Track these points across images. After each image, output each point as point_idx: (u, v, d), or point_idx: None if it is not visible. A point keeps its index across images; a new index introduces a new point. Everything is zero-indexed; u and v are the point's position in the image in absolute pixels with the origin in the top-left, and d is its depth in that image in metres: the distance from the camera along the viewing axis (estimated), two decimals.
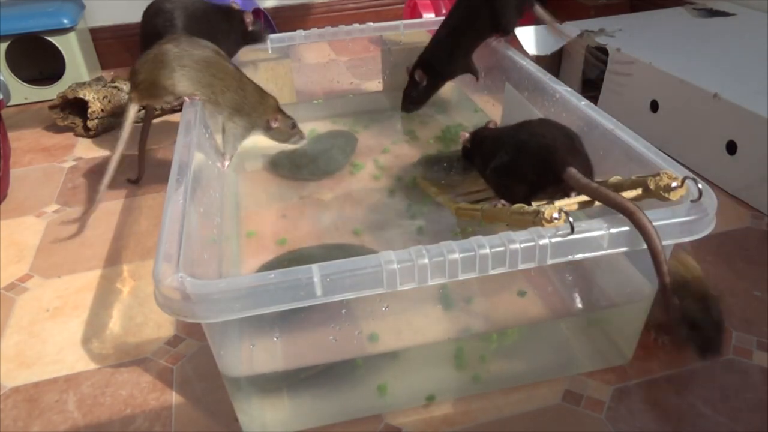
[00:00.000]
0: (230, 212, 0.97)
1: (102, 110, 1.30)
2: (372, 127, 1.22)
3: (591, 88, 1.29)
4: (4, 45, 1.46)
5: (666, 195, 0.56)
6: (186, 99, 0.90)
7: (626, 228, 0.54)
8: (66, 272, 0.90)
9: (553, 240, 0.52)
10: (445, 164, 1.03)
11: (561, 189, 0.64)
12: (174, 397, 0.68)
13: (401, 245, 0.53)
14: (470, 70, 1.11)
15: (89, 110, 1.29)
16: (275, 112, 0.96)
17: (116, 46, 1.72)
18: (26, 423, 0.66)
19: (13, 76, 1.49)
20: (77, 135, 1.33)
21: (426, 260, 0.50)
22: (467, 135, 0.84)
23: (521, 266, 0.53)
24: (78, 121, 1.32)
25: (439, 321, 0.69)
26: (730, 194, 0.97)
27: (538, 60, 1.24)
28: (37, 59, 1.59)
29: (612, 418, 0.62)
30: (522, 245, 0.52)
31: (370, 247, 0.86)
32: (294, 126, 0.99)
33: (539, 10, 1.07)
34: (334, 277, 0.50)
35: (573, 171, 0.63)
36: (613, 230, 0.53)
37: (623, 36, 1.24)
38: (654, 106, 1.12)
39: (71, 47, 1.51)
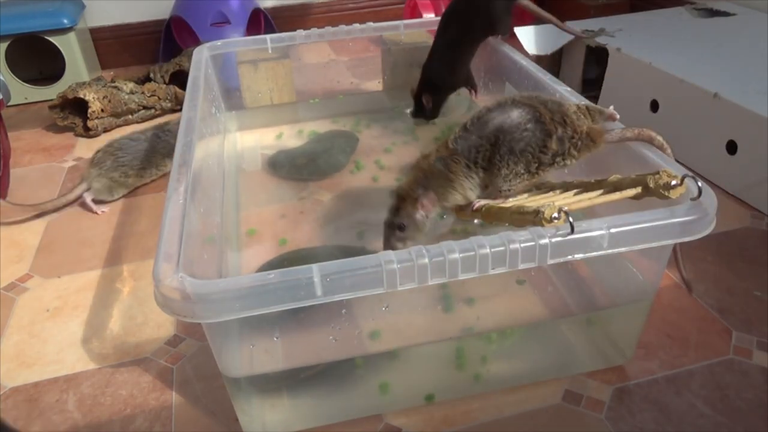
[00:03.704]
0: (230, 212, 0.97)
1: (102, 110, 1.30)
2: (373, 127, 1.22)
3: (591, 88, 1.29)
4: (4, 45, 1.46)
5: (666, 193, 0.56)
6: None
7: (626, 228, 0.54)
8: (66, 272, 0.90)
9: (553, 240, 0.52)
10: None
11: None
12: (174, 397, 0.68)
13: None
14: (469, 83, 1.10)
15: (89, 110, 1.29)
16: None
17: (116, 46, 1.72)
18: (26, 423, 0.66)
19: (13, 76, 1.49)
20: (77, 135, 1.33)
21: (426, 260, 0.50)
22: None
23: (521, 266, 0.52)
24: (78, 121, 1.32)
25: (440, 321, 0.69)
26: (730, 194, 0.97)
27: (538, 60, 1.24)
28: (37, 59, 1.59)
29: (612, 418, 0.62)
30: (522, 245, 0.51)
31: (370, 247, 0.85)
32: None
33: (530, 5, 1.06)
34: (334, 277, 0.49)
35: None
36: (613, 230, 0.53)
37: (623, 36, 1.24)
38: (654, 106, 1.12)
39: (71, 47, 1.51)
